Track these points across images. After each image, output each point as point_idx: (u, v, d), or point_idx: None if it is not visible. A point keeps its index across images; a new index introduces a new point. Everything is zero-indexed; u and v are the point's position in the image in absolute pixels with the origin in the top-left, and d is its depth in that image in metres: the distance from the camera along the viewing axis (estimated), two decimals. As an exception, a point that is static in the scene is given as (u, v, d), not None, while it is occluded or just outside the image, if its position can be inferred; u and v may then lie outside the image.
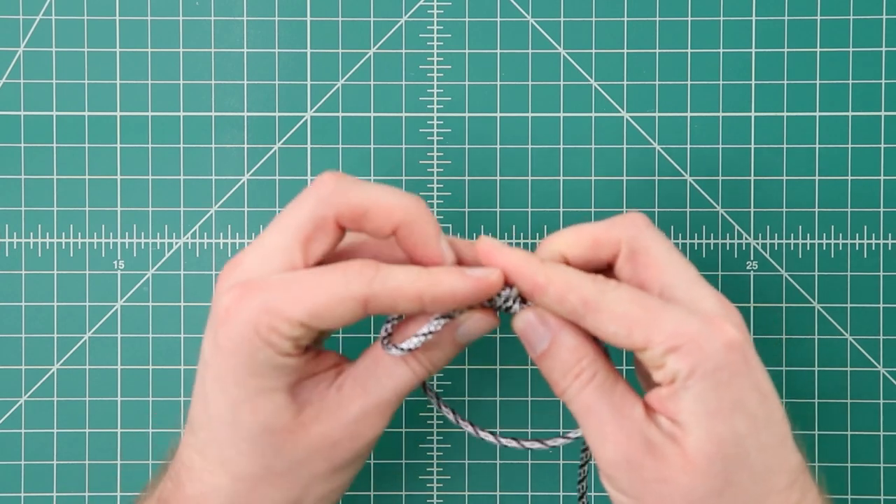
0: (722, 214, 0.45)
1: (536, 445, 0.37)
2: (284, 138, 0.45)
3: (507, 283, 0.34)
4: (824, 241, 0.45)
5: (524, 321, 0.34)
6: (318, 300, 0.32)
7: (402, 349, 0.34)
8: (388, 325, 0.35)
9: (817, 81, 0.45)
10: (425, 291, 0.32)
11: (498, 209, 0.45)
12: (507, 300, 0.34)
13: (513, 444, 0.37)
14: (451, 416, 0.38)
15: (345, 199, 0.33)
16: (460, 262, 0.35)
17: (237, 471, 0.34)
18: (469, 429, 0.37)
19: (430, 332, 0.34)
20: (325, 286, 0.32)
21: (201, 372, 0.34)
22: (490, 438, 0.37)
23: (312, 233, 0.33)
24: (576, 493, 0.45)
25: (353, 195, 0.34)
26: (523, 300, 0.34)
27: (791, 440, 0.33)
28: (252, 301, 0.32)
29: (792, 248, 0.45)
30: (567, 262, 0.34)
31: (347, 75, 0.45)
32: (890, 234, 0.45)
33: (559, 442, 0.37)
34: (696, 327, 0.32)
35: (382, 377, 0.34)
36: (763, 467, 0.32)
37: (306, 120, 0.45)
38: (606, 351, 0.35)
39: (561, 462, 0.45)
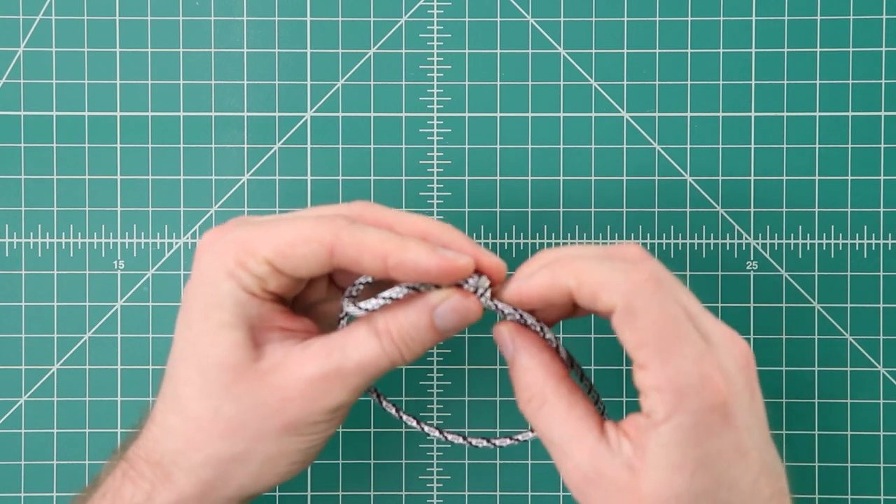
0: (722, 214, 0.45)
1: (483, 444, 0.37)
2: (284, 138, 0.45)
3: (478, 272, 0.34)
4: (824, 241, 0.45)
5: (497, 333, 0.35)
6: (285, 238, 0.33)
7: (360, 307, 0.34)
8: (358, 285, 0.35)
9: (817, 81, 0.45)
10: (390, 253, 0.32)
11: (498, 209, 0.45)
12: (476, 289, 0.34)
13: (459, 440, 0.37)
14: (393, 412, 0.37)
15: (371, 212, 0.35)
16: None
17: (187, 409, 0.34)
18: (413, 423, 0.37)
19: (392, 298, 0.34)
20: (295, 227, 0.33)
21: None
22: (435, 434, 0.37)
23: None
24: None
25: (380, 211, 0.35)
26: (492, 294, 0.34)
27: (761, 494, 0.32)
28: (226, 237, 0.34)
29: (792, 248, 0.45)
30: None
31: (347, 75, 0.45)
32: (890, 234, 0.45)
33: (506, 443, 0.37)
34: (688, 380, 0.31)
35: (349, 346, 0.34)
36: None
37: (306, 120, 0.45)
38: (570, 369, 0.35)
39: (561, 462, 0.45)
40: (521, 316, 0.35)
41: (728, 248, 0.45)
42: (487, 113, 0.45)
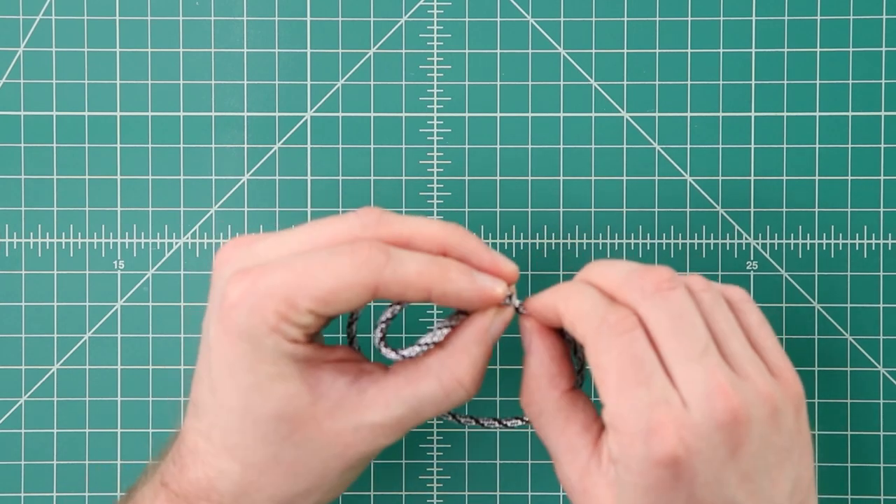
0: (722, 214, 0.45)
1: (495, 426, 0.38)
2: (284, 138, 0.45)
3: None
4: (824, 241, 0.45)
5: (521, 326, 0.35)
6: (327, 287, 0.32)
7: (402, 355, 0.34)
8: (382, 326, 0.35)
9: (817, 81, 0.45)
10: (435, 286, 0.32)
11: (498, 209, 0.45)
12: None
13: (471, 422, 0.38)
14: None
15: (387, 228, 0.33)
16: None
17: (245, 457, 0.33)
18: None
19: (432, 343, 0.34)
20: (334, 272, 0.32)
21: (205, 355, 0.34)
22: (447, 416, 0.38)
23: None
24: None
25: (396, 225, 0.34)
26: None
27: None
28: (259, 287, 0.32)
29: (792, 248, 0.45)
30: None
31: (347, 75, 0.45)
32: (890, 234, 0.45)
33: (518, 424, 0.38)
34: (634, 427, 0.31)
35: (409, 396, 0.33)
36: None
37: (306, 120, 0.45)
38: (578, 382, 0.36)
39: (561, 462, 0.45)
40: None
41: (728, 248, 0.45)
42: (487, 113, 0.45)
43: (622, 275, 0.33)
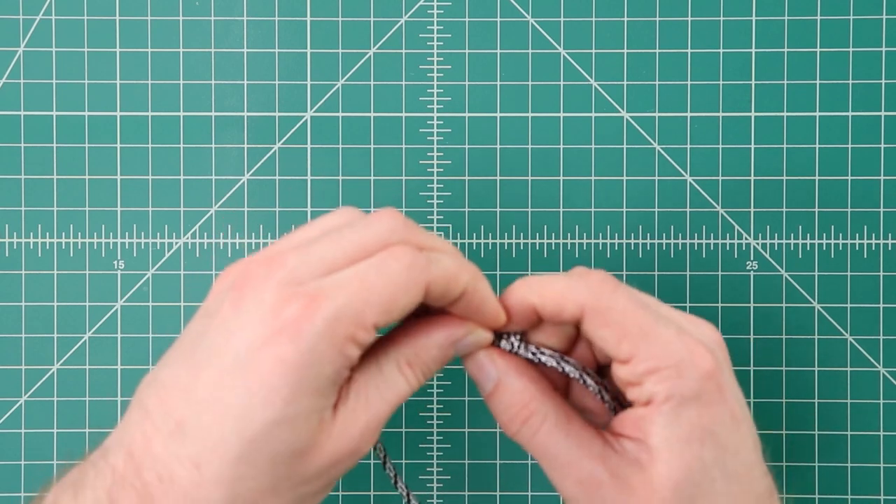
0: (722, 214, 0.45)
1: None
2: (284, 138, 0.45)
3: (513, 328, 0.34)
4: (824, 241, 0.45)
5: (474, 362, 0.34)
6: (387, 296, 0.31)
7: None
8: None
9: (817, 81, 0.45)
10: (470, 281, 0.32)
11: (498, 209, 0.45)
12: (512, 338, 0.35)
13: None
14: (391, 477, 0.38)
15: (414, 235, 0.33)
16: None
17: (240, 489, 0.30)
18: (404, 494, 0.38)
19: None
20: (389, 280, 0.31)
21: (220, 373, 0.30)
22: None
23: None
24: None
25: (420, 236, 0.33)
26: (527, 341, 0.35)
27: (760, 466, 0.33)
28: (325, 311, 0.30)
29: (792, 248, 0.45)
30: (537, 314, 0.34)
31: (347, 75, 0.45)
32: (890, 234, 0.45)
33: None
34: (679, 354, 0.32)
35: (384, 390, 0.32)
36: (727, 495, 0.32)
37: (306, 120, 0.45)
38: (560, 387, 0.35)
39: (561, 462, 0.45)
40: (558, 362, 0.34)
41: (728, 248, 0.45)
42: (487, 113, 0.45)
43: (562, 284, 0.34)
